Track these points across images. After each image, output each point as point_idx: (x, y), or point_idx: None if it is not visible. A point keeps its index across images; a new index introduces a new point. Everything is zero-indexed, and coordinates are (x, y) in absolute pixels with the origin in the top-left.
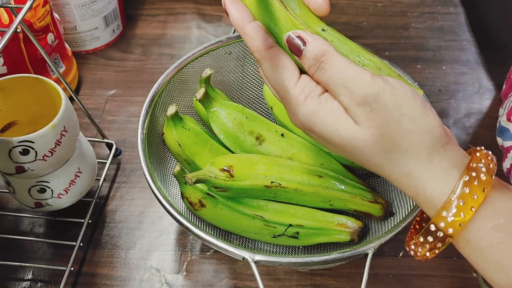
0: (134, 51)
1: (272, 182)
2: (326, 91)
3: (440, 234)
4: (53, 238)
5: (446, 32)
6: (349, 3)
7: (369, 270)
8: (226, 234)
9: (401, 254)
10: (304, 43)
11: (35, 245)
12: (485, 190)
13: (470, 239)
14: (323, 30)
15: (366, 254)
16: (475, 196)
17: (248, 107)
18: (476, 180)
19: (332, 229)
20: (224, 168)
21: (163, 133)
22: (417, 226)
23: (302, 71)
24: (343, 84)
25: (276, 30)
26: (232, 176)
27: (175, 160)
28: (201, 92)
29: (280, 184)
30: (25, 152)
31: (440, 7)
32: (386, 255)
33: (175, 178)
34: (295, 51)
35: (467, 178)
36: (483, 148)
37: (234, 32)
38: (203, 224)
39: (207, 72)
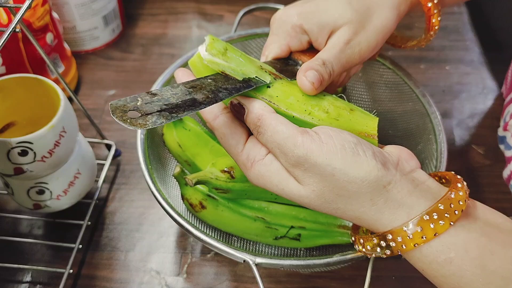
0: (134, 51)
1: None
2: (270, 152)
3: (378, 249)
4: (52, 240)
5: (450, 32)
6: None
7: (372, 273)
8: (227, 236)
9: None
10: (244, 109)
11: (34, 247)
12: (436, 234)
13: (425, 269)
14: (268, 86)
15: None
16: (424, 237)
17: None
18: (433, 223)
19: (334, 231)
20: (225, 169)
21: (163, 134)
22: None
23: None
24: (277, 147)
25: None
26: (233, 177)
27: (175, 161)
28: None
29: None
30: (23, 153)
31: None
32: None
33: (175, 180)
34: (239, 116)
35: (427, 217)
36: (464, 183)
37: (235, 32)
38: (204, 226)
39: None
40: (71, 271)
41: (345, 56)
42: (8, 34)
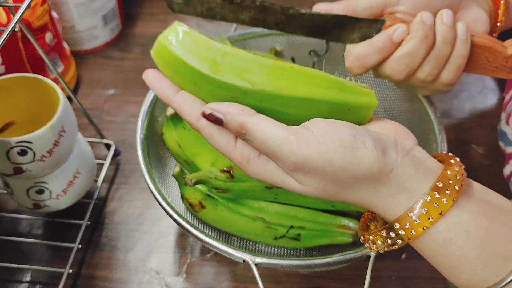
0: (133, 50)
1: None
2: None
3: (389, 241)
4: (51, 240)
5: None
6: None
7: (372, 273)
8: (226, 236)
9: (403, 256)
10: (220, 118)
11: (33, 246)
12: (442, 213)
13: (423, 249)
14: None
15: (369, 256)
16: (431, 218)
17: None
18: (437, 202)
19: (334, 231)
20: (225, 169)
21: (162, 134)
22: (369, 216)
23: None
24: (272, 154)
25: (200, 96)
26: (232, 177)
27: (175, 160)
28: None
29: None
30: (23, 152)
31: None
32: (389, 257)
33: (175, 179)
34: (217, 124)
35: (429, 198)
36: (457, 159)
37: (235, 31)
38: (203, 226)
39: None
40: (71, 271)
41: None
42: (8, 34)
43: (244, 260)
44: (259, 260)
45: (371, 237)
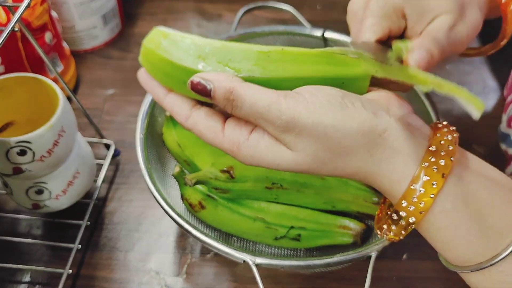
0: (133, 50)
1: (273, 184)
2: (253, 129)
3: (402, 222)
4: (51, 240)
5: None
6: None
7: (372, 273)
8: (226, 236)
9: (404, 256)
10: (209, 84)
11: (32, 247)
12: (444, 175)
13: (417, 219)
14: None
15: (369, 257)
16: (434, 184)
17: None
18: (435, 166)
19: (335, 231)
20: (225, 169)
21: (162, 134)
22: (383, 206)
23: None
24: (261, 117)
25: (191, 94)
26: (232, 177)
27: (175, 161)
28: None
29: (281, 186)
30: (22, 152)
31: None
32: (389, 257)
33: (174, 179)
34: (204, 95)
35: (427, 164)
36: (444, 123)
37: (235, 31)
38: (203, 226)
39: None
40: (70, 271)
41: (447, 42)
42: (7, 34)
43: (244, 261)
44: (259, 260)
45: (384, 226)
